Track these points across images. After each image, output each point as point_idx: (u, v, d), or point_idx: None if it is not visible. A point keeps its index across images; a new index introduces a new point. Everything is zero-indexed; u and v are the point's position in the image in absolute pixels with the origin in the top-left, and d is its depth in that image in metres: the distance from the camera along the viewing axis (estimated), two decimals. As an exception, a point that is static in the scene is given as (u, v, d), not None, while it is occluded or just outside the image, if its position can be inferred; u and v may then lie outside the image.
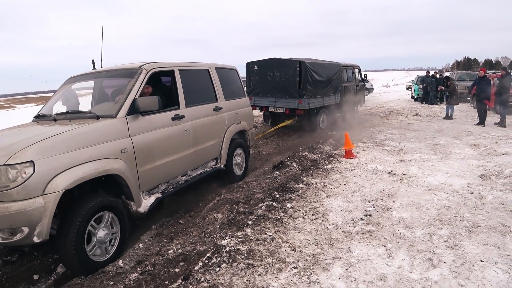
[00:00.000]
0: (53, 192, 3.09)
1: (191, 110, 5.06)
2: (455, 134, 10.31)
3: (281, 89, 11.05)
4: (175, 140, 4.69)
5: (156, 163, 4.33)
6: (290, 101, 10.85)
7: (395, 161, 7.12)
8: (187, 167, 5.09)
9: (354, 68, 14.36)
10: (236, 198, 5.33)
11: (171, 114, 4.67)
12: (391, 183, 5.74)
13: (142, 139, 4.09)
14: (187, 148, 4.96)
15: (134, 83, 4.22)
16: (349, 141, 7.59)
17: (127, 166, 3.82)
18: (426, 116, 14.62)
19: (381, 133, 10.47)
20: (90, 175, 3.40)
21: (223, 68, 6.29)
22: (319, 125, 11.55)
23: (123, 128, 3.89)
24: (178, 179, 4.93)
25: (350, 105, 13.86)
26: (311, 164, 7.05)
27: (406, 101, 24.12)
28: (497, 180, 5.82)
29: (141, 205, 4.09)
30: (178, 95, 4.90)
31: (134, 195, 3.96)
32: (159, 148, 4.38)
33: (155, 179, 4.42)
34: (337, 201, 4.98)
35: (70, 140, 3.37)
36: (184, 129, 4.85)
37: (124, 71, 4.64)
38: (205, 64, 5.81)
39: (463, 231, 4.00)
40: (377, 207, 4.72)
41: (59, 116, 4.25)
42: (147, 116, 4.23)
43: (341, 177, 6.08)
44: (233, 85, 6.51)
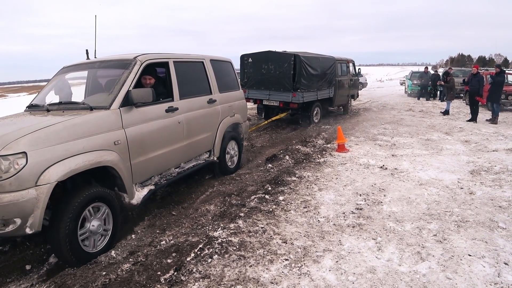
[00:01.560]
0: (46, 184, 3.08)
1: (185, 102, 5.05)
2: (447, 130, 10.40)
3: (275, 82, 11.03)
4: (168, 132, 4.68)
5: (150, 155, 4.32)
6: (284, 94, 10.85)
7: (387, 156, 7.18)
8: (180, 159, 5.09)
9: (348, 62, 14.27)
10: (229, 190, 5.36)
11: (165, 106, 4.66)
12: (382, 177, 5.79)
13: (136, 131, 4.08)
14: (181, 140, 4.95)
15: (128, 74, 4.19)
16: (342, 135, 7.63)
17: (120, 158, 3.81)
18: (419, 112, 14.71)
19: (374, 128, 10.53)
20: (83, 167, 3.39)
21: (218, 60, 6.26)
22: (312, 119, 11.54)
23: (117, 120, 3.87)
24: (171, 171, 4.92)
25: (344, 99, 13.89)
26: (304, 157, 7.09)
27: (399, 96, 24.23)
28: (487, 176, 5.90)
29: (134, 197, 4.09)
30: (172, 87, 4.89)
31: (127, 187, 3.95)
32: (152, 140, 4.37)
33: (148, 171, 4.41)
34: (329, 194, 5.03)
35: (63, 131, 3.35)
36: (178, 121, 4.84)
37: (118, 62, 4.61)
38: (200, 56, 5.79)
39: (452, 226, 4.06)
40: (368, 201, 4.77)
41: (52, 106, 4.23)
42: (141, 108, 4.21)
43: (333, 171, 6.13)
44: (228, 77, 6.49)
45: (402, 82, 36.63)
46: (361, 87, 27.26)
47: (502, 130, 10.49)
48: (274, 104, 11.27)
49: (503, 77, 12.16)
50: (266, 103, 11.45)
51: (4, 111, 4.90)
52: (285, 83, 10.77)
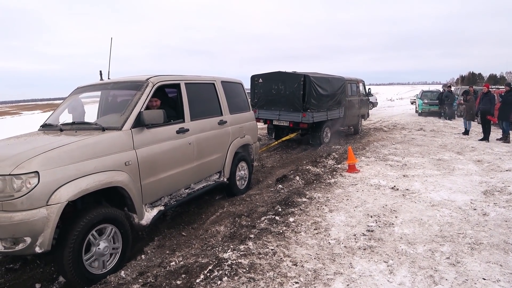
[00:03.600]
0: (57, 203, 3.11)
1: (196, 123, 5.10)
2: (458, 149, 10.30)
3: (285, 102, 11.06)
4: (179, 153, 4.72)
5: (160, 176, 4.36)
6: (294, 114, 10.85)
7: (398, 176, 7.12)
8: (190, 180, 5.11)
9: (358, 82, 14.40)
10: (239, 211, 5.35)
11: (176, 127, 4.72)
12: (393, 198, 5.74)
13: (147, 152, 4.13)
14: (191, 161, 4.99)
15: (140, 96, 4.28)
16: (353, 156, 7.61)
17: (130, 178, 3.85)
18: (430, 131, 14.61)
19: (384, 148, 10.48)
20: (94, 187, 3.42)
21: (229, 82, 6.34)
22: (322, 139, 11.50)
23: (128, 141, 3.93)
24: (181, 192, 4.95)
25: (354, 119, 13.89)
26: (314, 178, 7.06)
27: (410, 115, 24.14)
28: (501, 197, 5.81)
29: (143, 218, 4.11)
30: (184, 109, 4.95)
31: (136, 207, 3.97)
32: (163, 161, 4.41)
33: (158, 192, 4.44)
34: (340, 216, 4.99)
35: (75, 152, 3.40)
36: (189, 143, 4.88)
37: (131, 83, 4.69)
38: (211, 78, 5.86)
39: (466, 248, 3.99)
40: (380, 223, 4.72)
41: (65, 126, 4.31)
42: (152, 129, 4.27)
43: (344, 192, 6.09)
44: (238, 98, 6.56)
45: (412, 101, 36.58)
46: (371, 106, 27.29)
47: (515, 149, 10.37)
48: (284, 124, 11.25)
49: (512, 95, 12.08)
50: (276, 123, 11.45)
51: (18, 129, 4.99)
52: (295, 103, 10.79)
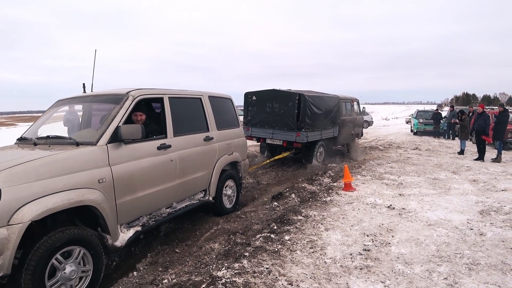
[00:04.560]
0: (19, 223, 2.87)
1: (179, 139, 4.90)
2: (454, 169, 10.31)
3: (279, 121, 10.84)
4: (159, 170, 4.50)
5: (138, 195, 4.13)
6: (288, 133, 10.64)
7: (394, 195, 7.09)
8: (172, 199, 4.89)
9: (353, 101, 14.32)
10: (234, 228, 5.29)
11: (157, 143, 4.51)
12: (390, 217, 5.70)
13: (123, 169, 3.91)
14: (173, 179, 4.76)
15: (119, 109, 4.09)
16: (349, 174, 7.59)
17: (104, 197, 3.61)
18: (426, 150, 14.65)
19: (380, 166, 10.47)
20: (61, 206, 3.18)
21: (217, 97, 6.17)
22: (316, 159, 11.29)
23: (103, 157, 3.72)
24: (162, 211, 4.71)
25: (348, 138, 13.76)
26: (310, 196, 7.02)
27: (405, 134, 24.23)
28: (497, 217, 5.79)
29: (118, 239, 3.85)
30: (166, 124, 4.75)
31: (110, 228, 3.72)
32: (141, 178, 4.18)
33: (136, 211, 4.21)
34: (336, 234, 4.93)
35: (43, 167, 3.19)
36: (170, 159, 4.67)
37: (111, 96, 4.48)
38: (198, 93, 5.69)
39: (463, 269, 3.94)
40: (376, 242, 4.67)
41: (39, 140, 4.10)
42: (131, 145, 4.06)
43: (340, 210, 6.04)
44: (227, 114, 6.37)
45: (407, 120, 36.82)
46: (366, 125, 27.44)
47: (510, 169, 10.38)
48: (278, 143, 11.04)
49: (506, 115, 12.18)
50: (270, 141, 11.23)
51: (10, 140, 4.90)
52: (289, 122, 10.61)
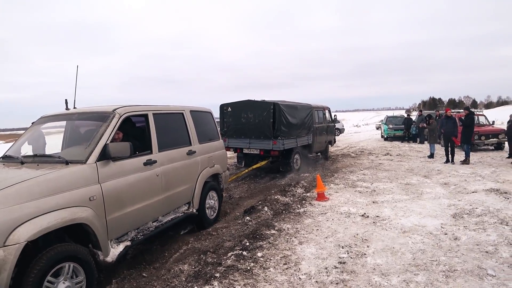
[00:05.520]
0: (15, 244, 2.85)
1: (164, 154, 4.94)
2: (425, 173, 10.39)
3: (255, 130, 10.97)
4: (146, 185, 4.52)
5: (126, 210, 4.15)
6: (265, 142, 10.77)
7: (368, 203, 7.02)
8: (158, 212, 4.90)
9: (324, 109, 14.56)
10: (205, 247, 5.05)
11: (143, 159, 4.53)
12: (364, 226, 5.59)
13: (112, 186, 3.94)
14: (159, 193, 4.79)
15: (106, 127, 4.10)
16: (321, 184, 7.48)
17: (95, 214, 3.63)
18: (397, 156, 14.79)
19: (353, 174, 10.44)
20: (55, 225, 3.18)
21: (198, 111, 6.22)
22: (293, 166, 11.42)
23: (93, 175, 3.73)
24: (149, 225, 4.71)
25: (322, 145, 14.02)
26: (283, 208, 6.86)
27: (376, 140, 24.52)
28: (470, 219, 5.77)
29: (109, 254, 3.85)
30: (151, 140, 4.78)
31: (101, 244, 3.73)
32: (129, 194, 4.21)
33: (125, 226, 4.22)
34: (310, 248, 4.77)
35: (35, 187, 3.18)
36: (156, 174, 4.70)
37: (97, 114, 4.49)
38: (180, 108, 5.75)
39: (440, 277, 3.84)
40: (351, 253, 4.53)
41: (27, 159, 4.03)
42: (118, 162, 4.08)
43: (313, 222, 5.90)
44: (208, 127, 6.44)
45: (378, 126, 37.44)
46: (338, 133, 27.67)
47: (479, 170, 10.54)
48: (255, 152, 11.15)
49: (472, 118, 12.42)
50: (247, 151, 11.33)
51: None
52: (265, 131, 10.74)
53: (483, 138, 15.17)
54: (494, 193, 7.42)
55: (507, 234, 5.03)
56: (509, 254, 4.40)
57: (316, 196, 7.50)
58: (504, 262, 4.16)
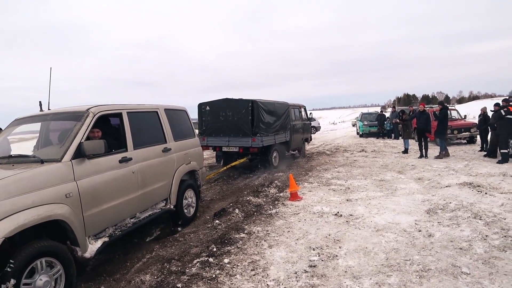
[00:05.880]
0: None
1: (139, 152, 5.01)
2: (399, 168, 10.33)
3: (234, 128, 11.07)
4: (122, 182, 4.59)
5: (103, 207, 4.22)
6: (244, 139, 10.88)
7: (342, 201, 6.85)
8: (136, 209, 4.94)
9: (300, 107, 14.78)
10: (170, 255, 4.77)
11: (118, 156, 4.61)
12: (337, 226, 5.41)
13: (88, 183, 4.01)
14: (135, 190, 4.84)
15: (81, 126, 4.18)
16: (294, 183, 7.27)
17: (72, 211, 3.70)
18: (372, 152, 14.77)
19: (327, 172, 10.29)
20: (32, 222, 3.23)
21: (172, 109, 6.31)
22: (272, 163, 11.56)
23: (68, 172, 3.80)
24: (127, 221, 4.74)
25: (299, 142, 14.20)
26: (255, 209, 6.63)
27: (352, 137, 24.61)
28: (443, 215, 5.67)
29: (87, 250, 3.91)
30: (126, 138, 4.86)
31: (79, 240, 3.79)
32: (106, 191, 4.28)
33: (102, 223, 4.27)
34: (280, 251, 4.54)
35: (11, 186, 3.22)
36: (132, 171, 4.77)
37: (71, 114, 4.57)
38: (154, 106, 5.82)
39: (414, 277, 3.67)
40: (323, 256, 4.32)
41: (1, 160, 4.05)
42: (94, 160, 4.16)
43: (285, 223, 5.68)
44: (183, 125, 6.54)
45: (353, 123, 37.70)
46: (314, 131, 27.69)
47: (452, 164, 10.56)
48: (234, 150, 11.24)
49: (445, 113, 12.46)
50: (226, 149, 11.38)
51: None
52: (244, 129, 10.84)
53: (455, 132, 15.33)
54: (468, 187, 7.37)
55: (481, 229, 4.93)
56: (483, 250, 4.28)
57: (289, 196, 7.30)
58: (479, 259, 4.03)
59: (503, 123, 10.51)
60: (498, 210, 5.74)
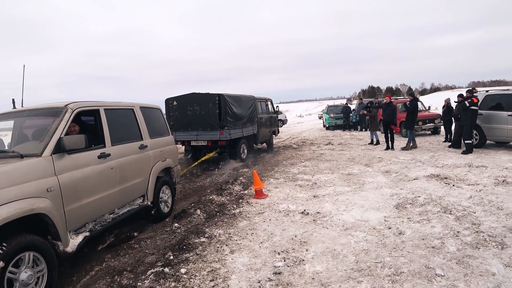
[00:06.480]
0: None
1: (117, 148, 5.04)
2: (366, 161, 10.18)
3: (202, 122, 11.18)
4: (101, 178, 4.63)
5: (83, 202, 4.24)
6: (212, 133, 11.02)
7: (309, 198, 6.56)
8: (114, 205, 4.99)
9: (267, 100, 14.83)
10: (122, 265, 4.32)
11: (97, 152, 4.64)
12: (304, 225, 5.09)
13: (69, 177, 4.02)
14: (114, 186, 4.88)
15: (60, 121, 4.18)
16: (259, 180, 6.92)
17: (53, 205, 3.71)
18: (338, 145, 14.65)
19: (293, 166, 10.01)
20: (15, 215, 3.23)
21: (147, 107, 6.39)
22: (240, 155, 11.70)
23: (49, 167, 3.80)
24: (106, 217, 4.79)
25: (266, 135, 14.33)
26: (218, 209, 6.24)
27: (318, 130, 24.58)
28: (413, 210, 5.47)
29: (68, 245, 3.91)
30: (104, 134, 4.89)
31: (61, 234, 3.80)
32: (86, 186, 4.30)
33: (83, 217, 4.30)
34: (242, 257, 4.17)
35: None
36: (111, 167, 4.80)
37: (49, 110, 4.57)
38: (130, 104, 5.88)
39: (386, 282, 3.39)
40: (288, 261, 3.98)
41: None
42: (73, 155, 4.18)
43: (249, 224, 5.32)
44: (157, 123, 6.60)
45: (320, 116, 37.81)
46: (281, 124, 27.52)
47: (418, 156, 10.52)
48: (202, 144, 11.33)
49: (415, 104, 12.44)
50: (194, 143, 11.46)
51: None
52: (212, 122, 11.00)
53: (420, 123, 15.42)
54: (435, 179, 7.26)
55: (452, 225, 4.74)
56: (455, 247, 4.07)
57: (254, 193, 6.95)
58: (452, 258, 3.80)
59: (467, 114, 10.54)
60: (467, 203, 5.60)
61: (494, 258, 3.76)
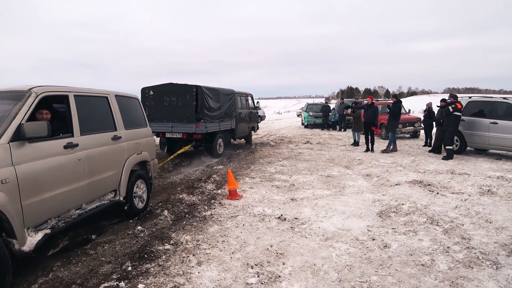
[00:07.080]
0: None
1: (87, 138, 4.69)
2: (346, 163, 9.82)
3: (178, 114, 10.79)
4: (67, 170, 4.27)
5: (45, 196, 3.87)
6: (187, 125, 10.62)
7: (286, 201, 6.11)
8: (81, 199, 4.64)
9: (247, 95, 14.42)
10: (72, 276, 3.75)
11: (63, 141, 4.27)
12: (280, 233, 4.64)
13: (29, 168, 3.66)
14: (81, 179, 4.54)
15: (21, 106, 3.80)
16: (233, 180, 6.42)
17: (8, 198, 3.36)
18: (317, 144, 14.29)
19: (271, 165, 9.55)
20: None
21: (124, 96, 5.99)
22: (216, 150, 11.29)
23: (5, 156, 3.44)
24: (71, 213, 4.44)
25: (245, 131, 13.95)
26: (187, 210, 5.72)
27: (297, 127, 24.24)
28: (397, 219, 5.10)
29: (25, 243, 3.57)
30: (72, 122, 4.51)
31: (16, 231, 3.46)
32: (48, 178, 3.94)
33: (43, 213, 3.95)
34: (211, 270, 3.67)
35: None
36: (78, 159, 4.45)
37: (10, 93, 4.15)
38: (104, 91, 5.49)
39: (373, 308, 2.96)
40: (263, 276, 3.51)
41: None
42: (36, 143, 3.82)
43: (220, 230, 4.82)
44: (134, 114, 6.21)
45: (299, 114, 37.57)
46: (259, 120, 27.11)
47: (399, 159, 10.26)
48: (178, 136, 10.96)
49: (399, 106, 12.17)
50: (169, 135, 11.08)
51: None
52: (188, 114, 10.60)
53: (400, 126, 15.21)
54: (418, 186, 6.94)
55: (441, 238, 4.37)
56: (447, 266, 3.69)
57: (227, 193, 6.45)
58: (445, 279, 3.41)
59: (450, 120, 10.32)
60: (454, 214, 5.27)
61: (490, 280, 3.40)
